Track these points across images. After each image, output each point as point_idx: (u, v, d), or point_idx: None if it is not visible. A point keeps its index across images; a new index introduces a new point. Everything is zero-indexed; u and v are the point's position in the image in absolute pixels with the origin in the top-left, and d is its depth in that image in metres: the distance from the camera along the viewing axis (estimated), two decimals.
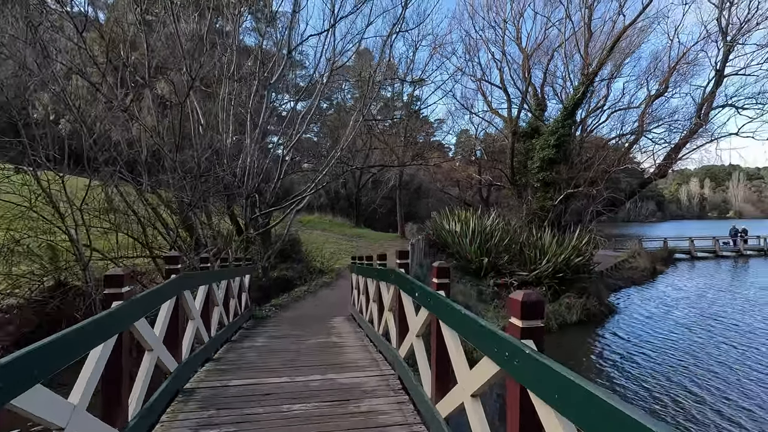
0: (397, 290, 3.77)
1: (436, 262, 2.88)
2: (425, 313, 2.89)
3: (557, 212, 16.72)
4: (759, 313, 13.05)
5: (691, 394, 7.46)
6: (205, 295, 4.54)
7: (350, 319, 7.42)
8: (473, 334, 2.06)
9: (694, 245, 30.15)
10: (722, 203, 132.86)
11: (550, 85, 22.52)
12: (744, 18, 15.66)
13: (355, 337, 5.81)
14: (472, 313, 2.11)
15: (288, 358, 4.67)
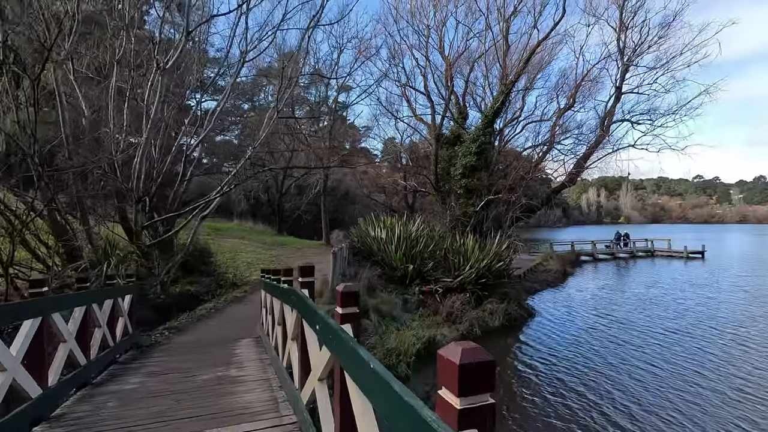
0: (300, 317, 2.99)
1: (340, 286, 2.17)
2: (327, 354, 2.16)
3: (479, 218, 17.02)
4: (643, 311, 14.27)
5: (593, 389, 7.64)
6: (35, 332, 3.34)
7: (258, 342, 6.41)
8: (385, 404, 1.36)
9: (596, 248, 33.11)
10: (614, 210, 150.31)
11: (471, 94, 23.23)
12: (638, 42, 17.41)
13: (259, 368, 4.87)
14: (385, 372, 1.40)
15: (162, 408, 3.61)
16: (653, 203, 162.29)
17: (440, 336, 10.43)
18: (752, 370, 8.69)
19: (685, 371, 8.59)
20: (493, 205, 17.52)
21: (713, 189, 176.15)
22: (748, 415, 6.78)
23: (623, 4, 17.10)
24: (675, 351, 9.92)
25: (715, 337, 10.99)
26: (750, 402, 7.25)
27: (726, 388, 7.76)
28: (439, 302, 12.60)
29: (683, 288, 18.56)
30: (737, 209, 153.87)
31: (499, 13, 17.14)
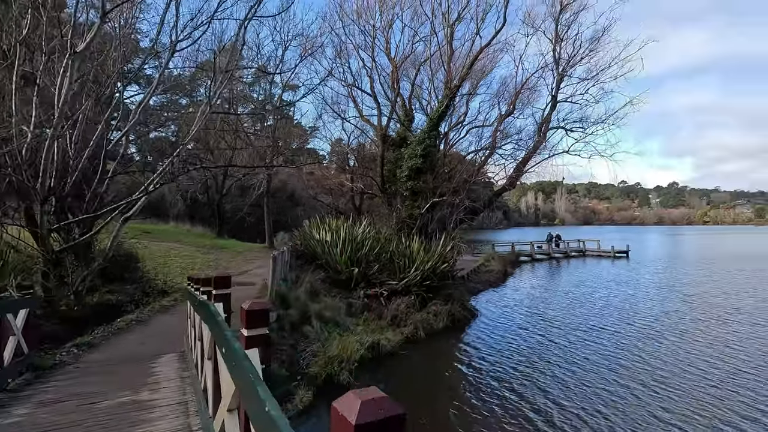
0: (212, 335, 2.60)
1: (245, 303, 1.84)
2: (232, 384, 1.81)
3: (425, 220, 17.11)
4: (571, 309, 15.05)
5: (523, 388, 7.83)
6: None
7: (182, 357, 5.82)
8: None
9: (534, 249, 34.78)
10: (551, 212, 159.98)
11: (417, 97, 23.45)
12: (571, 54, 18.45)
13: (177, 389, 4.34)
14: (281, 418, 1.11)
15: None
16: (584, 206, 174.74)
17: (384, 340, 10.25)
18: (665, 363, 9.34)
19: (603, 368, 9.02)
20: (438, 207, 17.70)
21: (635, 194, 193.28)
22: (666, 406, 7.23)
23: (558, 18, 18.07)
24: (596, 348, 10.44)
25: (634, 333, 11.76)
26: (663, 393, 7.74)
27: (635, 382, 8.23)
28: (384, 305, 12.44)
29: (609, 286, 19.91)
30: (655, 212, 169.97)
31: (444, 19, 17.42)
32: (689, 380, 8.23)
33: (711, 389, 7.77)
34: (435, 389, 8.32)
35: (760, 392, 7.60)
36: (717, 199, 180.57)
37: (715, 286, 19.38)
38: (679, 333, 11.65)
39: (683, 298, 16.48)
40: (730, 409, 6.97)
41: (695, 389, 7.80)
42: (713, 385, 7.98)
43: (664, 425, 6.44)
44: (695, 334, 11.43)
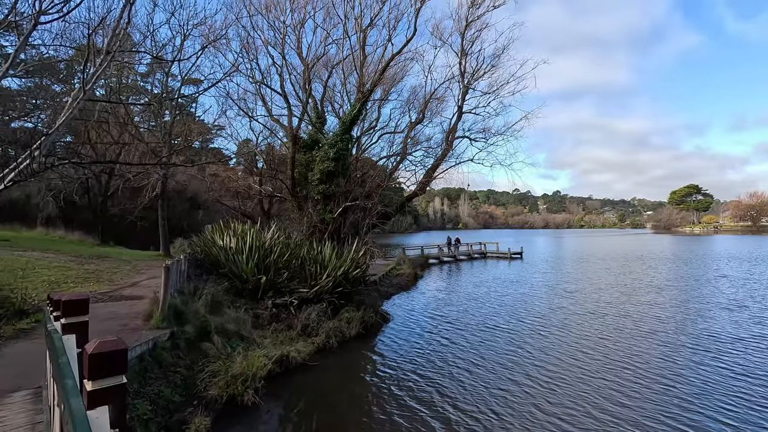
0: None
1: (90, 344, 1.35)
2: None
3: (337, 225, 16.80)
4: (470, 310, 15.90)
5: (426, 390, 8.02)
6: None
7: (39, 396, 4.73)
8: None
9: (441, 251, 36.46)
10: (455, 217, 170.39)
11: (330, 100, 23.13)
12: (475, 68, 19.72)
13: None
14: None
15: None
16: (484, 211, 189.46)
17: (294, 352, 9.70)
18: (549, 357, 10.23)
19: (497, 366, 9.53)
20: (350, 211, 17.53)
21: (527, 200, 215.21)
22: (550, 398, 7.85)
23: (464, 33, 19.20)
24: (492, 346, 11.07)
25: (524, 329, 12.70)
26: (547, 386, 8.43)
27: (524, 377, 8.89)
28: (295, 315, 11.84)
29: (505, 285, 21.58)
30: (542, 217, 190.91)
31: (357, 23, 17.39)
32: (570, 372, 9.04)
33: (589, 379, 8.60)
34: (346, 401, 8.03)
35: (624, 377, 8.64)
36: (590, 206, 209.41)
37: (590, 283, 22.10)
38: (562, 327, 12.86)
39: (566, 295, 18.45)
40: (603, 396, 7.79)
41: (575, 380, 8.56)
42: (591, 374, 8.87)
43: (547, 417, 6.93)
44: (575, 328, 12.73)
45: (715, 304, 15.75)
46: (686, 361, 9.54)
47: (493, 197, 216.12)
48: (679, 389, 7.89)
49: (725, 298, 16.86)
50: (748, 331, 11.85)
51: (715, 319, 13.49)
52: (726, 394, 7.63)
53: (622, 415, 6.88)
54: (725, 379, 8.37)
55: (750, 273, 25.00)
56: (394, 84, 22.11)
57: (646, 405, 7.27)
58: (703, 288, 19.71)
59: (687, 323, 13.00)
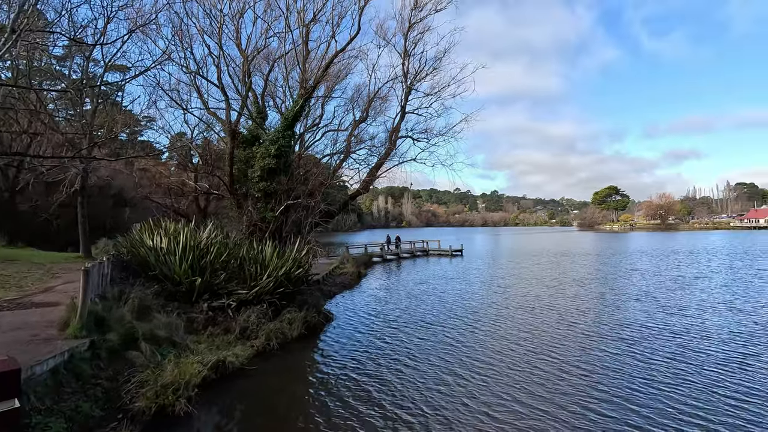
0: None
1: None
2: None
3: (278, 223, 16.36)
4: (410, 307, 16.21)
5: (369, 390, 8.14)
6: None
7: None
8: None
9: (384, 249, 36.84)
10: (399, 215, 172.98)
11: (271, 95, 22.44)
12: (418, 69, 20.12)
13: None
14: None
15: None
16: (427, 210, 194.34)
17: (232, 357, 9.30)
18: (480, 352, 10.64)
19: (430, 363, 9.65)
20: (292, 210, 17.15)
21: (467, 199, 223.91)
22: (475, 392, 8.26)
23: (407, 35, 19.52)
24: (427, 344, 11.25)
25: (459, 325, 13.08)
26: (475, 381, 8.84)
27: (453, 375, 9.16)
28: (233, 318, 11.36)
29: (445, 282, 22.33)
30: (481, 215, 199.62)
31: (299, 17, 17.01)
32: (500, 364, 9.46)
33: (516, 370, 9.03)
34: (286, 403, 7.86)
35: (547, 367, 9.24)
36: (524, 205, 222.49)
37: (521, 278, 23.50)
38: (494, 322, 13.44)
39: (499, 291, 19.43)
40: (528, 385, 8.31)
41: (504, 372, 8.97)
42: (518, 366, 9.33)
43: (479, 407, 7.23)
44: (506, 322, 13.34)
45: (628, 296, 17.38)
46: (601, 350, 10.36)
47: (436, 196, 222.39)
48: (594, 377, 8.54)
49: (637, 290, 18.68)
50: (654, 320, 13.18)
51: (628, 309, 14.86)
52: (632, 379, 8.38)
53: (543, 404, 7.31)
54: (633, 365, 9.19)
55: (657, 267, 27.94)
56: (338, 81, 21.96)
57: (566, 392, 7.81)
58: (619, 281, 21.70)
59: (604, 314, 14.19)
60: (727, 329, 11.90)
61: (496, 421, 6.77)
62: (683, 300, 16.21)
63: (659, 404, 7.21)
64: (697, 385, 7.98)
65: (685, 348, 10.31)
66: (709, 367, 8.93)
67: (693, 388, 7.88)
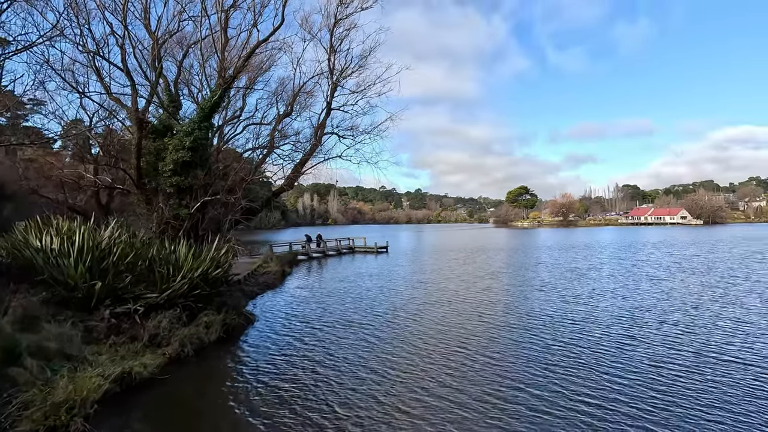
0: None
1: None
2: None
3: (194, 221, 15.31)
4: (330, 307, 16.07)
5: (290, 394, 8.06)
6: None
7: None
8: None
9: (310, 247, 36.29)
10: (325, 213, 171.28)
11: (186, 83, 20.89)
12: (344, 66, 20.05)
13: None
14: None
15: None
16: (353, 207, 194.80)
17: (140, 367, 8.53)
18: (394, 347, 10.91)
19: (347, 363, 9.55)
20: (210, 206, 16.15)
21: (392, 197, 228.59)
22: (387, 389, 8.58)
23: (333, 30, 19.34)
24: (345, 343, 11.16)
25: (377, 323, 13.07)
26: (389, 378, 9.14)
27: (367, 371, 9.40)
28: (141, 324, 10.39)
29: (370, 278, 22.61)
30: (406, 213, 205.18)
31: (218, 1, 15.99)
32: (416, 359, 9.69)
33: (430, 364, 9.29)
34: (199, 412, 7.40)
35: (459, 359, 9.80)
36: (446, 203, 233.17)
37: (440, 273, 24.56)
38: (412, 317, 13.75)
39: (418, 286, 20.05)
40: (441, 377, 8.74)
41: (417, 367, 9.16)
42: (433, 359, 9.65)
43: (392, 402, 7.35)
44: (423, 317, 13.70)
45: (533, 287, 19.01)
46: (508, 339, 11.17)
47: (362, 194, 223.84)
48: (501, 365, 9.15)
49: (540, 281, 20.55)
50: (554, 308, 14.57)
51: (532, 299, 16.23)
52: (534, 364, 9.18)
53: (453, 393, 7.65)
54: (535, 352, 10.04)
55: (558, 260, 31.04)
56: (261, 73, 21.07)
57: (476, 381, 8.27)
58: (526, 273, 23.70)
59: (512, 305, 15.30)
60: (611, 314, 13.51)
61: (407, 415, 6.90)
62: (578, 289, 18.15)
63: (554, 385, 7.93)
64: (585, 365, 8.97)
65: (578, 333, 11.49)
66: (596, 349, 10.06)
67: (582, 368, 8.83)
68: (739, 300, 15.16)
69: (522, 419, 6.65)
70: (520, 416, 6.76)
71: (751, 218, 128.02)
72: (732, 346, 10.00)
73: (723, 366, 8.75)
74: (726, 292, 16.67)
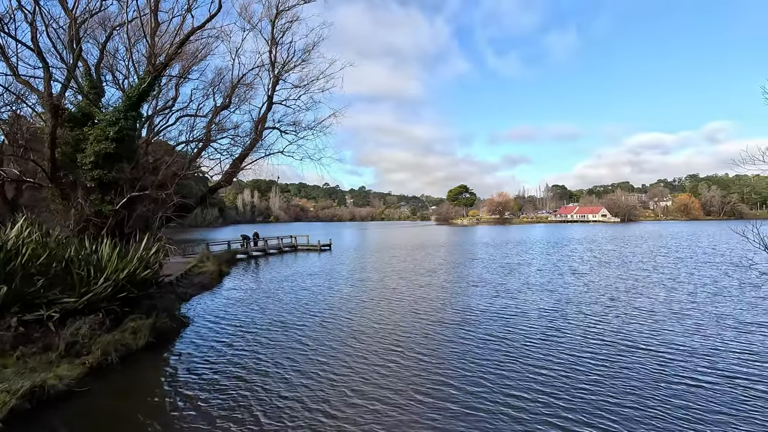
0: None
1: None
2: None
3: (119, 218, 14.15)
4: (269, 308, 15.80)
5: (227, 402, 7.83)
6: None
7: None
8: None
9: (250, 246, 35.05)
10: (266, 210, 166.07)
11: (110, 69, 19.21)
12: (286, 59, 19.50)
13: None
14: None
15: None
16: (296, 204, 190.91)
17: (54, 379, 7.77)
18: (329, 348, 11.00)
19: (282, 368, 9.14)
20: (138, 202, 15.01)
21: (336, 194, 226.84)
22: (321, 388, 8.63)
23: (275, 21, 18.73)
24: (279, 346, 10.73)
25: (313, 324, 12.77)
26: (321, 379, 9.24)
27: (300, 375, 9.45)
28: (55, 332, 9.44)
29: (311, 277, 22.24)
30: (350, 210, 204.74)
31: None
32: (344, 360, 9.54)
33: (359, 364, 9.24)
34: (119, 426, 6.85)
35: (392, 357, 10.04)
36: (390, 201, 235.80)
37: (380, 271, 24.78)
38: (348, 316, 13.67)
39: (359, 284, 20.00)
40: (369, 380, 8.95)
41: (349, 367, 9.08)
42: (363, 359, 9.66)
43: (311, 414, 7.05)
44: (360, 316, 13.65)
45: (468, 283, 19.73)
46: (443, 335, 11.36)
47: (305, 191, 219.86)
48: (435, 362, 9.31)
49: (476, 277, 21.44)
50: (488, 303, 15.20)
51: (467, 295, 16.78)
52: (467, 359, 9.54)
53: (384, 393, 7.69)
54: (469, 346, 10.38)
55: (493, 256, 32.69)
56: (197, 62, 19.89)
57: (407, 379, 8.34)
58: (463, 270, 24.57)
59: (448, 301, 15.64)
60: (538, 307, 14.40)
61: (335, 419, 6.74)
62: (510, 284, 19.16)
63: (484, 380, 8.23)
64: (514, 358, 9.43)
65: (508, 327, 12.01)
66: (524, 342, 10.61)
67: (509, 359, 9.35)
68: (647, 291, 16.93)
69: (451, 417, 6.77)
70: (449, 413, 6.87)
71: (659, 216, 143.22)
72: (640, 335, 11.08)
73: (632, 354, 9.65)
74: (636, 284, 18.54)
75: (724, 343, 10.14)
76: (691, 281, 18.90)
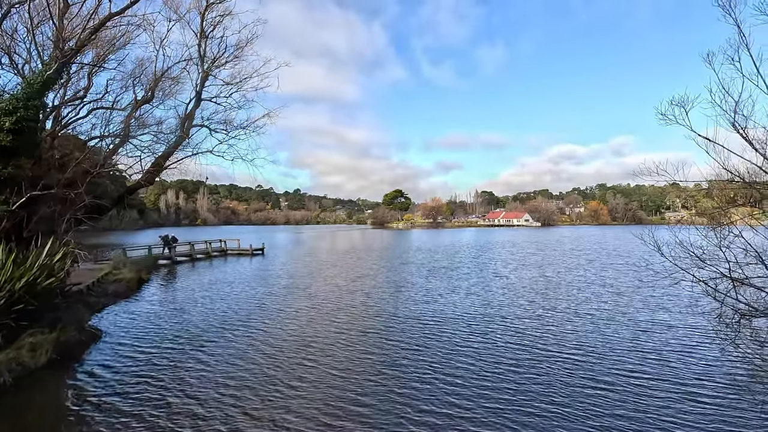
0: None
1: None
2: None
3: (17, 220, 12.52)
4: (199, 319, 15.24)
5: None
6: None
7: None
8: None
9: (175, 251, 32.81)
10: (193, 212, 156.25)
11: (6, 51, 16.94)
12: (217, 54, 18.58)
13: None
14: None
15: None
16: (226, 207, 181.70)
17: None
18: (264, 356, 10.89)
19: (208, 382, 8.64)
20: (41, 203, 13.39)
21: (269, 197, 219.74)
22: (243, 400, 8.44)
23: (204, 14, 17.77)
24: (203, 358, 10.10)
25: (235, 336, 11.91)
26: (240, 390, 9.04)
27: (219, 385, 9.25)
28: None
29: (237, 285, 21.34)
30: (284, 213, 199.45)
31: None
32: (252, 377, 8.85)
33: (271, 382, 8.62)
34: None
35: (310, 373, 10.01)
36: (325, 204, 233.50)
37: (310, 276, 24.14)
38: (263, 328, 12.77)
39: (284, 292, 19.49)
40: (290, 382, 8.88)
41: (258, 383, 8.54)
42: (282, 374, 9.60)
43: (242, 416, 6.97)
44: (278, 326, 12.92)
45: (396, 287, 19.70)
46: (365, 343, 11.06)
47: (236, 192, 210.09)
48: (354, 372, 9.03)
49: (404, 282, 21.44)
50: (413, 309, 15.24)
51: (393, 301, 16.60)
52: (386, 368, 9.53)
53: (302, 408, 7.41)
54: (388, 355, 10.21)
55: (422, 260, 33.71)
56: (114, 50, 18.17)
57: (325, 391, 8.07)
58: (392, 275, 24.39)
59: (373, 308, 15.32)
60: (462, 311, 14.68)
61: None
62: (439, 288, 19.50)
63: (402, 389, 8.19)
64: (436, 366, 9.40)
65: (431, 332, 12.06)
66: (446, 348, 10.65)
67: (430, 369, 9.22)
68: (563, 293, 18.42)
69: (366, 427, 6.70)
70: (364, 424, 6.77)
71: (574, 221, 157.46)
72: (554, 337, 11.98)
73: (545, 358, 10.36)
74: (553, 286, 20.16)
75: (621, 341, 11.28)
76: (598, 282, 21.00)
